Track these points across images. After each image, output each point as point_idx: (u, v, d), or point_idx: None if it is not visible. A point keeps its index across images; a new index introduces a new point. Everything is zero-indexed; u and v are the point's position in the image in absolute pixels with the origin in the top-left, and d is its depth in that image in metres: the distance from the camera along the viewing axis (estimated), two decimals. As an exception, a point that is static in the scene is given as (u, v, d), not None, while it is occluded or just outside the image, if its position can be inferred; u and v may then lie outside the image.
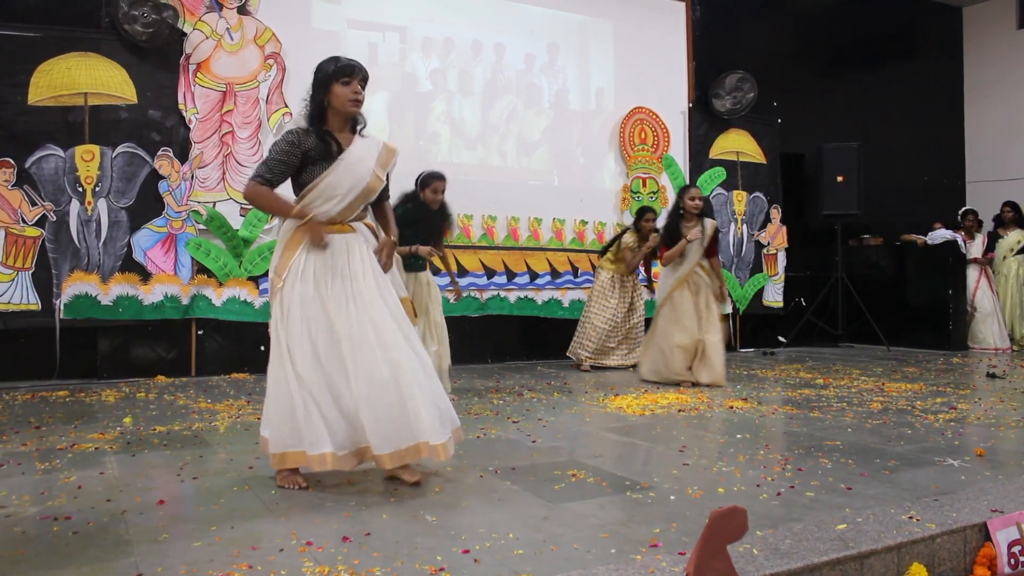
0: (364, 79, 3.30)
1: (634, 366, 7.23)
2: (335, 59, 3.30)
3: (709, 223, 6.48)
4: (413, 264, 5.50)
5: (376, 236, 3.42)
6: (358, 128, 3.38)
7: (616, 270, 7.58)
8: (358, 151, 3.30)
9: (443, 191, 5.52)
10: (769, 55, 10.10)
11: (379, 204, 3.51)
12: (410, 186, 5.57)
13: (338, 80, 3.24)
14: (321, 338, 3.14)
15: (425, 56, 8.01)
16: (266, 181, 3.21)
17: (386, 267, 3.36)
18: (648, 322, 7.16)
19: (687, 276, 6.40)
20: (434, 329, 5.60)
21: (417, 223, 5.37)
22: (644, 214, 7.52)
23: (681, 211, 6.43)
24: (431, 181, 5.47)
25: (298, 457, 3.12)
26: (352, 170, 3.26)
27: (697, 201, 6.40)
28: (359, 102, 3.29)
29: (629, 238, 7.50)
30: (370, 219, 3.47)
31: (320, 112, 3.27)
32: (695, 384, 6.29)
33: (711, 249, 6.46)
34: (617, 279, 7.59)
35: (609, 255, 7.65)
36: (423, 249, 5.38)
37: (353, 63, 3.29)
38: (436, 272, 6.73)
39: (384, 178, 3.40)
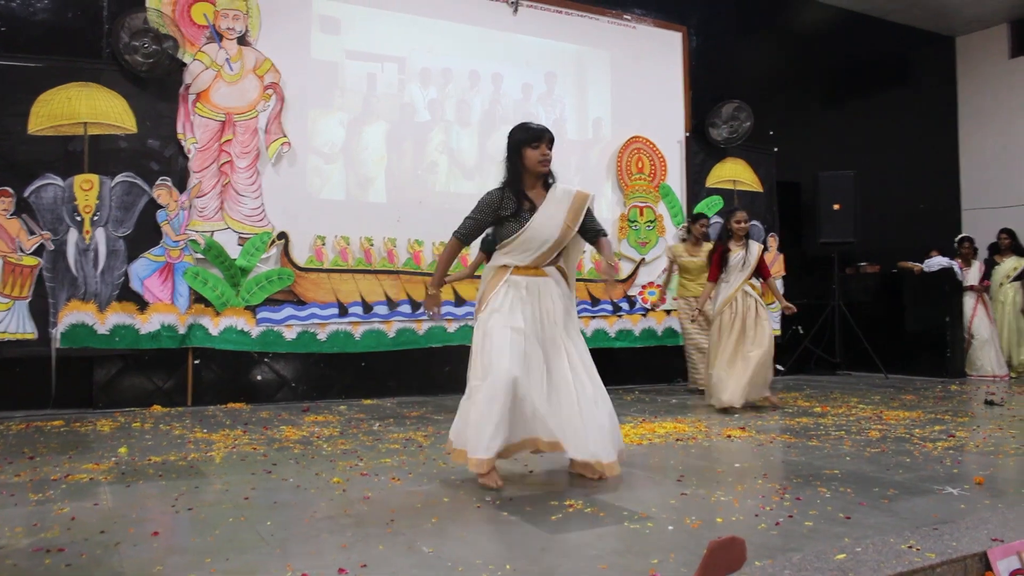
0: (551, 142, 3.81)
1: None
2: (525, 126, 3.85)
3: (756, 246, 6.72)
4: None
5: (566, 279, 3.94)
6: (550, 183, 3.88)
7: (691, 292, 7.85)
8: (549, 210, 3.80)
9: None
10: (765, 84, 10.18)
11: (596, 242, 3.96)
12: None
13: (528, 145, 3.77)
14: (519, 354, 3.60)
15: (423, 86, 8.06)
16: (461, 236, 3.89)
17: (614, 271, 3.93)
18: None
19: (731, 298, 6.58)
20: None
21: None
22: (699, 219, 7.96)
23: (729, 233, 6.70)
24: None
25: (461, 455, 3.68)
26: (544, 227, 3.77)
27: (743, 224, 6.66)
28: (547, 162, 3.81)
29: (678, 247, 7.93)
30: (563, 263, 3.96)
31: (515, 173, 3.81)
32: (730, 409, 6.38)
33: (764, 270, 6.75)
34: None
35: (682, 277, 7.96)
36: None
37: (541, 129, 3.81)
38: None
39: (575, 226, 3.84)
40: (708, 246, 7.60)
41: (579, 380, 3.73)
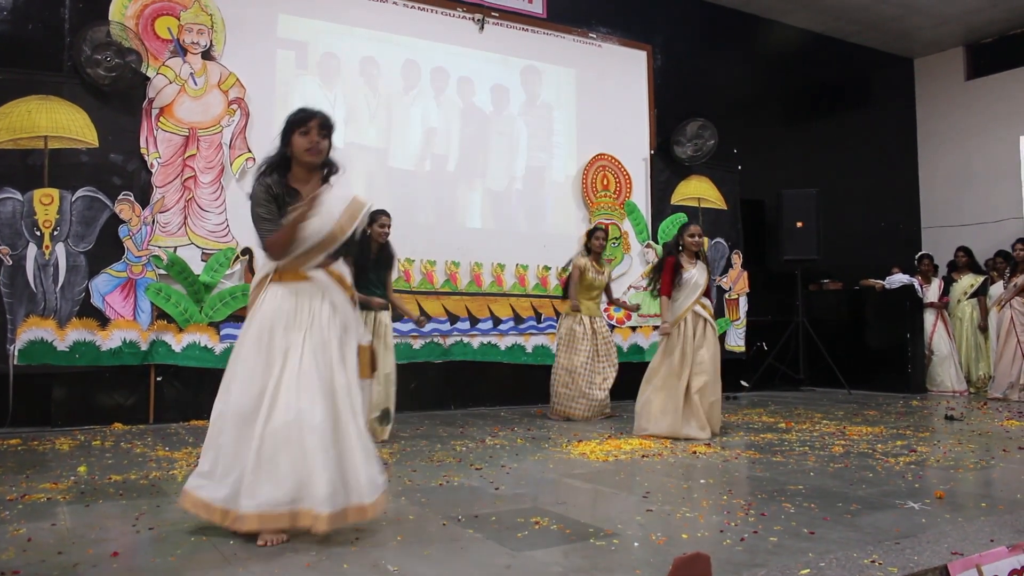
0: (324, 128, 3.26)
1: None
2: (298, 109, 3.31)
3: (704, 268, 6.21)
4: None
5: (344, 286, 3.34)
6: (330, 177, 3.35)
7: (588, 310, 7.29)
8: (321, 200, 3.19)
9: (387, 227, 5.89)
10: (729, 103, 10.31)
11: (348, 257, 3.45)
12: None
13: (298, 129, 3.24)
14: (258, 382, 3.07)
15: (387, 103, 8.05)
16: (271, 232, 3.16)
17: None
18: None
19: (680, 318, 6.06)
20: (386, 375, 5.85)
21: (366, 258, 5.71)
22: (595, 232, 7.35)
23: (680, 247, 6.21)
24: (377, 216, 5.82)
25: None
26: (316, 217, 3.14)
27: (696, 238, 6.21)
28: (317, 151, 3.25)
29: (581, 259, 7.25)
30: (338, 269, 3.36)
31: (283, 161, 3.27)
32: (681, 439, 5.78)
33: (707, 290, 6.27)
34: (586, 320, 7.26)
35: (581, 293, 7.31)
36: (376, 301, 5.74)
37: (312, 111, 3.27)
38: (397, 319, 6.76)
39: (348, 230, 3.27)
40: (607, 268, 7.48)
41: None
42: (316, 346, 3.12)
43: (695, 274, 6.13)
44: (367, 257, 5.74)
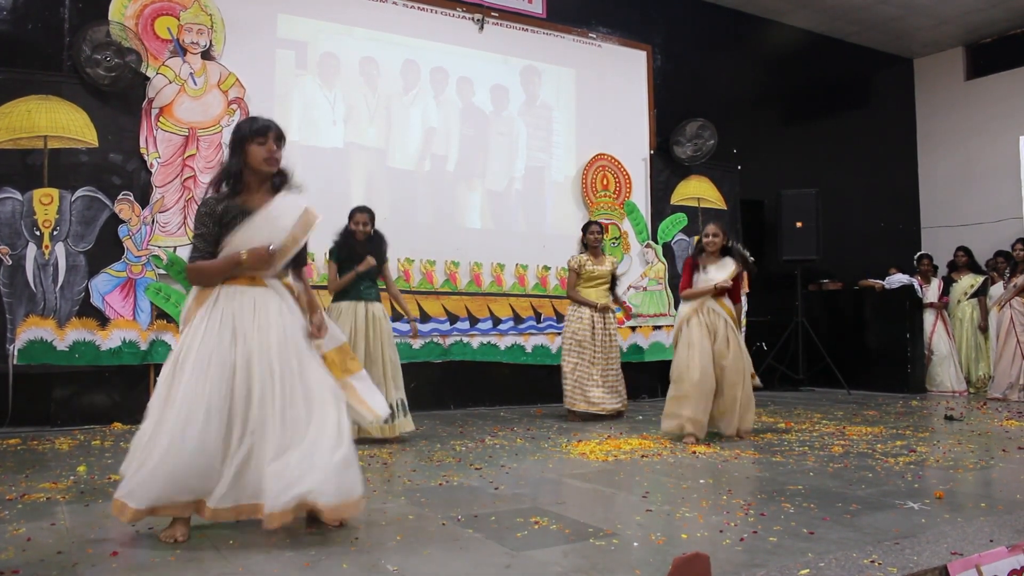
0: (279, 138, 3.31)
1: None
2: (251, 119, 3.33)
3: (731, 263, 6.05)
4: (366, 293, 5.82)
5: (295, 297, 3.37)
6: (282, 187, 3.35)
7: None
8: (274, 210, 3.25)
9: (365, 223, 5.85)
10: (729, 103, 10.30)
11: (297, 267, 3.47)
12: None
13: (254, 139, 3.24)
14: (211, 390, 3.03)
15: (387, 103, 8.04)
16: (202, 256, 3.19)
17: (319, 331, 3.38)
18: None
19: (696, 310, 5.92)
20: (390, 367, 5.78)
21: (350, 253, 5.77)
22: (588, 227, 7.32)
23: (702, 251, 6.11)
24: (353, 214, 5.87)
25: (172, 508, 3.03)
26: (263, 229, 3.19)
27: (711, 237, 6.06)
28: (275, 160, 3.28)
29: (574, 260, 7.22)
30: (291, 279, 3.42)
31: (237, 172, 3.25)
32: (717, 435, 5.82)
33: (735, 292, 6.10)
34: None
35: (584, 287, 7.25)
36: (362, 265, 5.72)
37: (268, 122, 3.29)
38: (396, 319, 6.76)
39: (301, 240, 3.33)
40: (609, 258, 7.42)
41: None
42: (257, 353, 3.13)
43: (711, 273, 5.98)
44: (352, 255, 5.75)
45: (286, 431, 3.06)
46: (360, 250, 5.79)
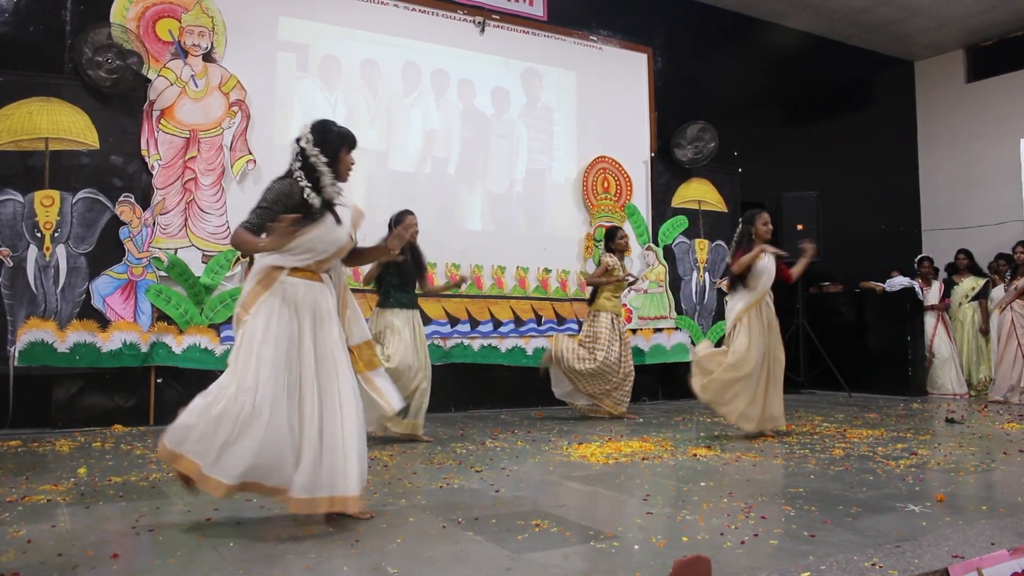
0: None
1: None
2: (334, 124, 3.50)
3: (772, 252, 6.04)
4: (412, 302, 6.01)
5: (334, 291, 3.55)
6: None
7: (615, 308, 7.29)
8: (341, 212, 3.47)
9: (416, 224, 5.96)
10: (730, 106, 10.31)
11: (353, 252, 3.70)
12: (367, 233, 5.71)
13: (348, 148, 3.50)
14: (280, 374, 3.20)
15: (388, 105, 8.05)
16: (252, 227, 3.28)
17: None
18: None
19: (755, 304, 5.93)
20: (426, 366, 5.96)
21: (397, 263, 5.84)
22: (617, 232, 7.45)
23: (753, 237, 6.04)
24: (403, 216, 5.81)
25: (192, 467, 3.16)
26: (335, 230, 3.41)
27: (769, 225, 6.06)
28: (351, 173, 3.57)
29: (610, 259, 7.28)
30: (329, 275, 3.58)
31: (317, 170, 3.38)
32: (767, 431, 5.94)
33: (783, 272, 6.08)
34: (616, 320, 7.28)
35: (607, 292, 7.29)
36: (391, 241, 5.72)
37: (354, 135, 3.55)
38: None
39: (355, 238, 3.59)
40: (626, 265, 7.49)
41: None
42: (318, 346, 3.35)
43: (768, 263, 5.98)
44: (403, 262, 5.86)
45: (341, 422, 3.27)
46: (413, 257, 5.97)
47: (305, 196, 3.33)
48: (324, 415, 3.25)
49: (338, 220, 3.42)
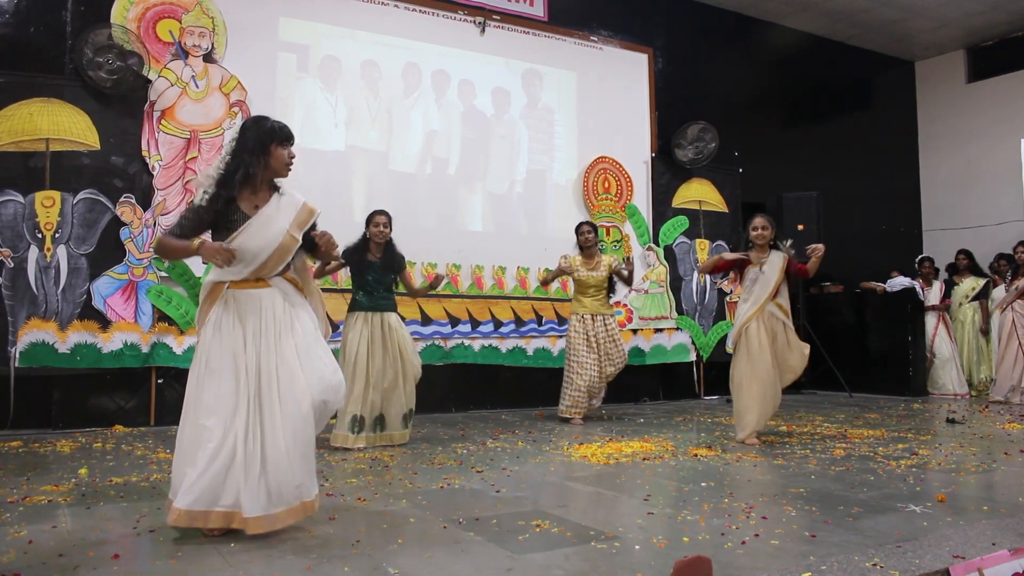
0: (294, 143, 3.42)
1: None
2: (267, 119, 3.38)
3: (777, 256, 5.94)
4: (382, 303, 5.73)
5: (301, 291, 3.43)
6: (278, 188, 3.40)
7: (590, 308, 7.14)
8: (268, 212, 3.28)
9: (385, 224, 5.78)
10: (730, 106, 10.31)
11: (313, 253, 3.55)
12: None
13: (279, 142, 3.32)
14: (226, 390, 3.13)
15: (388, 106, 8.05)
16: (174, 235, 3.21)
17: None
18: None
19: (752, 316, 5.82)
20: (409, 369, 5.75)
21: (360, 259, 5.71)
22: (579, 227, 7.24)
23: (750, 244, 6.01)
24: (372, 217, 5.79)
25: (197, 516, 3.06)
26: (263, 231, 3.24)
27: (760, 231, 5.94)
28: (291, 166, 3.40)
29: (564, 261, 7.13)
30: (293, 273, 3.45)
31: (252, 173, 3.26)
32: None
33: (799, 270, 5.96)
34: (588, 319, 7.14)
35: (576, 292, 7.22)
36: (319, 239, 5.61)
37: (289, 128, 3.39)
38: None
39: (299, 237, 3.35)
40: (605, 259, 7.23)
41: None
42: (262, 356, 3.20)
43: (765, 271, 5.88)
44: (366, 260, 5.71)
45: (286, 432, 3.13)
46: (385, 258, 5.76)
47: (219, 204, 3.21)
48: (265, 429, 3.12)
49: (267, 222, 3.25)
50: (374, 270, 5.73)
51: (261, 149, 3.28)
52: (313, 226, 3.44)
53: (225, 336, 3.18)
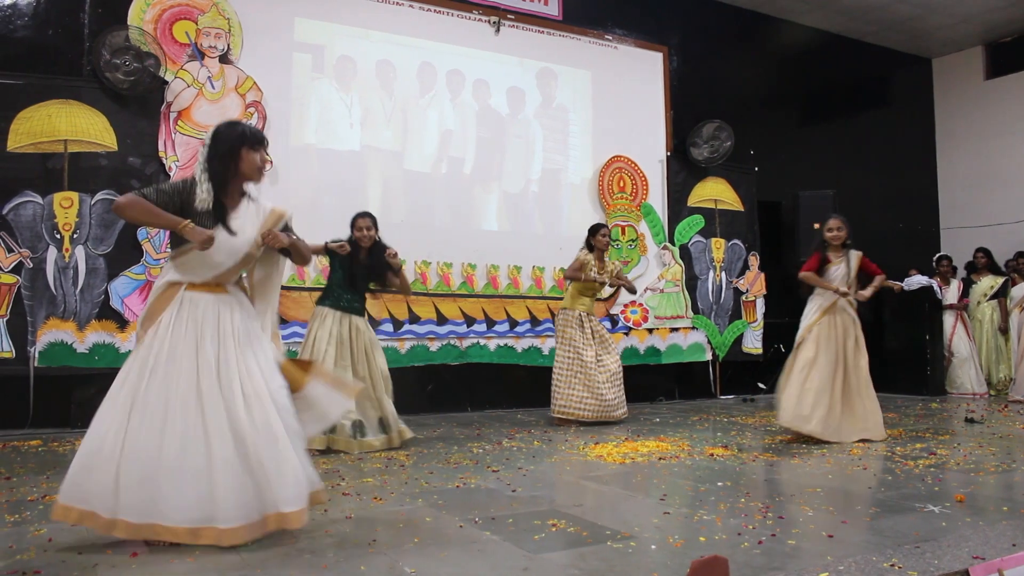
0: (267, 147, 3.37)
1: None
2: (239, 123, 3.37)
3: (855, 255, 6.08)
4: (350, 306, 5.63)
5: (250, 299, 3.39)
6: (248, 194, 3.37)
7: (586, 307, 7.07)
8: (238, 222, 3.25)
9: (368, 228, 5.67)
10: (746, 104, 10.26)
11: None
12: (389, 234, 5.70)
13: (250, 146, 3.26)
14: (172, 397, 3.04)
15: (404, 106, 8.06)
16: (144, 196, 3.14)
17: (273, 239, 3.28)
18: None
19: (827, 311, 5.95)
20: (381, 380, 5.65)
21: (344, 260, 5.60)
22: (600, 228, 7.13)
23: (825, 244, 6.10)
24: (354, 221, 5.70)
25: (85, 515, 2.95)
26: (229, 241, 3.21)
27: (835, 232, 6.05)
28: (264, 170, 3.35)
29: (583, 255, 7.02)
30: (245, 283, 3.44)
31: (223, 179, 3.23)
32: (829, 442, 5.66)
33: (872, 269, 6.16)
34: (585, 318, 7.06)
35: (574, 290, 7.09)
36: (333, 244, 5.54)
37: (260, 131, 3.39)
38: (415, 320, 6.73)
39: (263, 244, 3.29)
40: (610, 264, 7.19)
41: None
42: (220, 362, 3.12)
43: (842, 269, 6.02)
44: (353, 263, 5.61)
45: (250, 439, 3.03)
46: (371, 260, 5.66)
47: (196, 203, 3.16)
48: (236, 436, 3.02)
49: (231, 232, 3.21)
50: (357, 271, 5.64)
51: (231, 154, 3.24)
52: (286, 227, 3.40)
53: (176, 339, 3.11)
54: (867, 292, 6.11)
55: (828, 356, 5.86)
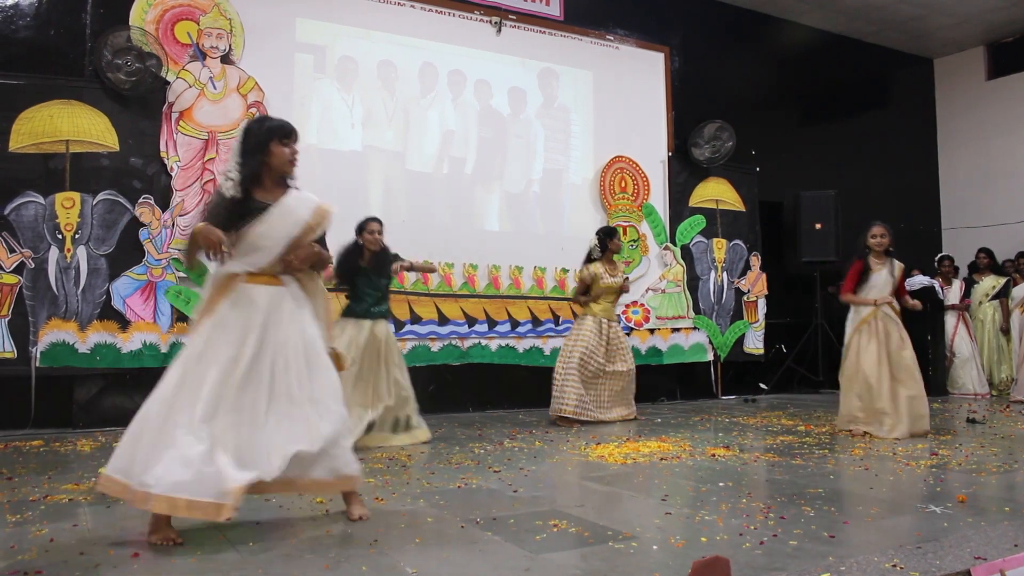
0: (297, 139, 3.44)
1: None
2: (268, 119, 3.45)
3: (898, 265, 6.27)
4: (371, 312, 5.69)
5: (311, 299, 3.44)
6: (289, 184, 3.43)
7: (603, 312, 7.08)
8: (291, 203, 3.34)
9: (380, 231, 5.74)
10: (747, 104, 10.26)
11: (316, 269, 3.54)
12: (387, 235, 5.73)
13: (279, 139, 3.34)
14: (222, 385, 3.12)
15: (405, 107, 8.06)
16: (206, 217, 3.28)
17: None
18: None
19: (868, 319, 6.13)
20: (392, 387, 5.71)
21: (350, 267, 5.66)
22: (614, 234, 7.15)
23: (867, 249, 6.25)
24: (366, 224, 5.75)
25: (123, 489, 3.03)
26: (284, 221, 3.29)
27: (879, 238, 6.22)
28: (296, 161, 3.41)
29: (590, 269, 7.03)
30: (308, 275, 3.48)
31: (256, 172, 3.30)
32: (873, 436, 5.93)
33: (901, 289, 6.31)
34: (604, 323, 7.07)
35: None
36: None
37: (290, 124, 3.42)
38: (416, 320, 6.73)
39: (314, 235, 3.39)
40: (621, 264, 7.26)
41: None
42: (269, 350, 3.22)
43: (884, 276, 6.19)
44: (357, 266, 5.67)
45: (291, 426, 3.16)
46: (377, 264, 5.72)
47: (231, 195, 3.25)
48: (295, 410, 3.18)
49: (264, 222, 3.28)
50: (366, 276, 5.70)
51: (261, 149, 3.31)
52: (322, 235, 3.46)
53: (228, 334, 3.18)
54: (912, 301, 6.34)
55: (870, 358, 6.08)
